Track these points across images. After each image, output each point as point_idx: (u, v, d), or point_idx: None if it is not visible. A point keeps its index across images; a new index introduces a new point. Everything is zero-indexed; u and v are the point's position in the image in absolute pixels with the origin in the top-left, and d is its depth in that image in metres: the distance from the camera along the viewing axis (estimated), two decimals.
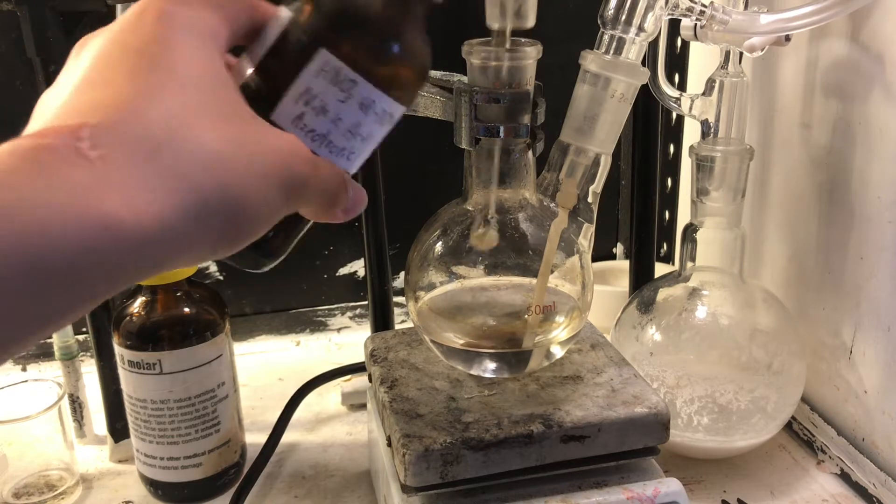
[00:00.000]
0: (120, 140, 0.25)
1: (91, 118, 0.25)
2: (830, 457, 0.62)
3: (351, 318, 0.86)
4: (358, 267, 0.85)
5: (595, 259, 0.57)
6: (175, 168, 0.25)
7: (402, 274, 0.77)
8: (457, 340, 0.48)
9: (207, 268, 0.81)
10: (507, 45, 0.43)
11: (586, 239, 0.49)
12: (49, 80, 0.57)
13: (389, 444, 0.48)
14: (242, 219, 0.27)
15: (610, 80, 0.47)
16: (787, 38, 0.54)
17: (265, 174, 0.28)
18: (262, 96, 0.30)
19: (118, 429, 0.64)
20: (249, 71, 0.31)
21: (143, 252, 0.25)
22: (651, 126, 0.67)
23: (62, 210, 0.23)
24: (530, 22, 0.43)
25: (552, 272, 0.47)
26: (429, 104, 0.49)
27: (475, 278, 0.48)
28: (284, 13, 0.32)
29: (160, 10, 0.28)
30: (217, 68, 0.28)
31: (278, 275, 0.83)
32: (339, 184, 0.31)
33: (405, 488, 0.46)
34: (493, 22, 0.43)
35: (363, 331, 0.85)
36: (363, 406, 0.71)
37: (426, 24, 0.33)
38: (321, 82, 0.30)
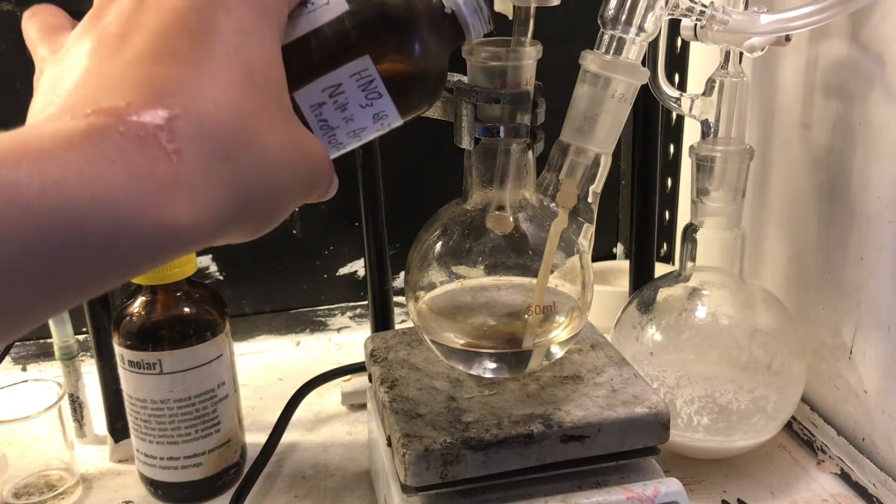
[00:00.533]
0: (193, 135, 0.24)
1: (170, 103, 0.24)
2: (830, 457, 0.62)
3: (351, 318, 0.86)
4: (358, 267, 0.85)
5: (595, 259, 0.57)
6: (239, 173, 0.25)
7: (402, 274, 0.77)
8: (457, 340, 0.48)
9: (207, 268, 0.81)
10: (531, 25, 0.42)
11: (586, 239, 0.49)
12: None
13: (389, 444, 0.48)
14: (276, 216, 0.29)
15: (610, 80, 0.47)
16: (787, 38, 0.54)
17: (300, 176, 0.29)
18: (291, 71, 0.30)
19: (118, 429, 0.64)
20: (287, 40, 0.31)
21: (189, 248, 0.25)
22: (651, 126, 0.67)
23: (137, 216, 0.23)
24: None
25: (552, 272, 0.47)
26: None
27: (475, 278, 0.48)
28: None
29: None
30: (279, 61, 0.28)
31: (278, 275, 0.84)
32: (332, 175, 0.32)
33: (405, 488, 0.46)
34: None
35: (363, 331, 0.85)
36: (363, 406, 0.71)
37: None
38: (352, 84, 0.32)
